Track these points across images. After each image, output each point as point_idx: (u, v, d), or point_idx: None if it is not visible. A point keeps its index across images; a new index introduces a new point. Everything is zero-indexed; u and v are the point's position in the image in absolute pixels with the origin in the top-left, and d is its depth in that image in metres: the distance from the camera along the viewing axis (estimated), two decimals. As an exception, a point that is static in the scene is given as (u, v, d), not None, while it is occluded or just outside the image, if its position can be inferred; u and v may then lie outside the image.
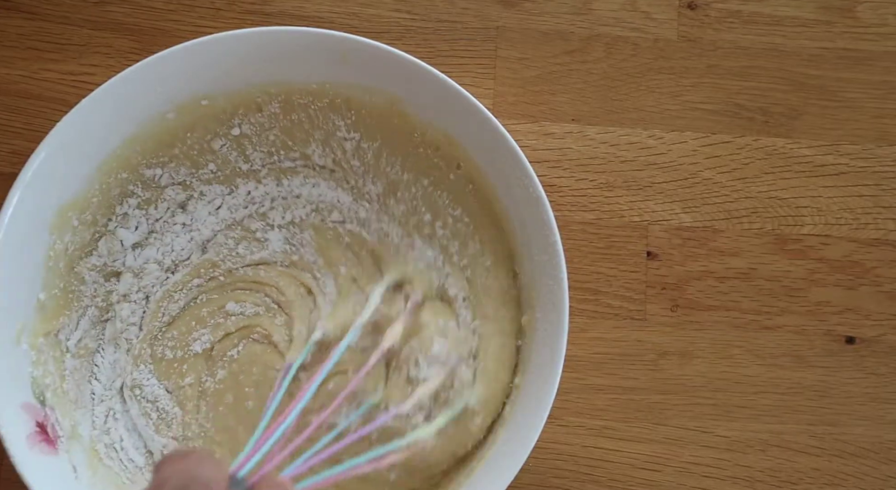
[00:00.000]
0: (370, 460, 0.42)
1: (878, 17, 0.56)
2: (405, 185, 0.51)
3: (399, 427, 0.46)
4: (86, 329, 0.50)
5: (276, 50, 0.47)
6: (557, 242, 0.46)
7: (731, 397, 0.53)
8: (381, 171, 0.51)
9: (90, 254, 0.50)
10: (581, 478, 0.52)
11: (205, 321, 0.52)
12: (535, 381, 0.47)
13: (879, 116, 0.55)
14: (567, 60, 0.55)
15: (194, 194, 0.52)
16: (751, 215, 0.54)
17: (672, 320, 0.53)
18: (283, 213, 0.52)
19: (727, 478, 0.52)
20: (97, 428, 0.49)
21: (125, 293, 0.51)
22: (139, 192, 0.51)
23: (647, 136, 0.55)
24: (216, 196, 0.52)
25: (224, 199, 0.53)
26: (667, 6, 0.56)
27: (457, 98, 0.47)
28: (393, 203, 0.51)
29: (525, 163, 0.46)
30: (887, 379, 0.53)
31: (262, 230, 0.53)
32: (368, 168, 0.51)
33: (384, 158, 0.51)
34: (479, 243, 0.50)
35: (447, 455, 0.48)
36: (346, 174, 0.52)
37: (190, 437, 0.50)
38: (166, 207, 0.52)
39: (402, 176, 0.51)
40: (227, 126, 0.51)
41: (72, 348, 0.49)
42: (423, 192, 0.51)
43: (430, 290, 0.50)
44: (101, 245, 0.50)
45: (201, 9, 0.55)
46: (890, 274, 0.54)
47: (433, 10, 0.55)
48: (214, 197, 0.52)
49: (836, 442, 0.53)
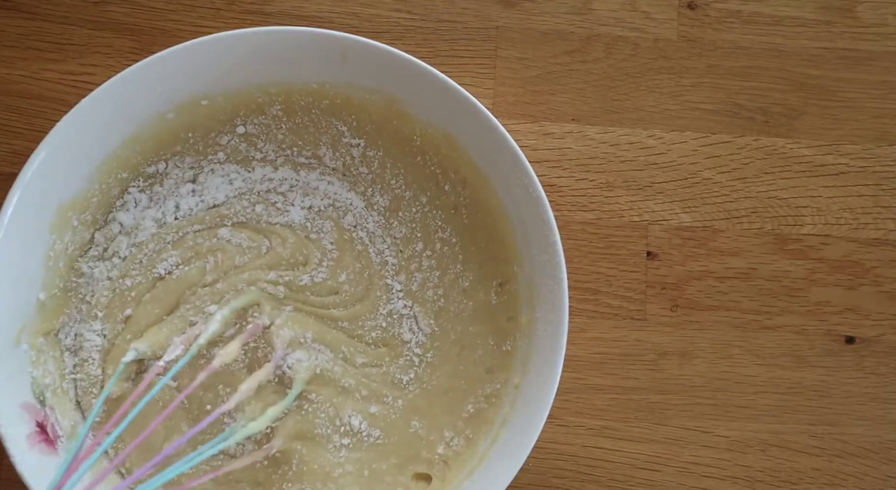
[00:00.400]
0: (208, 461, 0.45)
1: (878, 17, 0.56)
2: (407, 204, 0.51)
3: (230, 425, 0.48)
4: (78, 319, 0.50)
5: (276, 50, 0.47)
6: (557, 242, 0.46)
7: (731, 397, 0.53)
8: (388, 184, 0.51)
9: (89, 249, 0.50)
10: (581, 478, 0.52)
11: (182, 244, 0.50)
12: (535, 381, 0.47)
13: (879, 116, 0.55)
14: (567, 60, 0.55)
15: (205, 170, 0.51)
16: (751, 215, 0.54)
17: (672, 320, 0.53)
18: (302, 198, 0.51)
19: (727, 478, 0.52)
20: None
21: (115, 250, 0.50)
22: (141, 184, 0.51)
23: (646, 136, 0.55)
24: (230, 172, 0.51)
25: (240, 174, 0.51)
26: (667, 6, 0.56)
27: (457, 98, 0.47)
28: (396, 224, 0.51)
29: (525, 163, 0.46)
30: (887, 379, 0.53)
31: (283, 203, 0.51)
32: (376, 177, 0.51)
33: (389, 169, 0.51)
34: (460, 264, 0.51)
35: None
36: (356, 180, 0.52)
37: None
38: (173, 182, 0.51)
39: (406, 192, 0.51)
40: (230, 125, 0.51)
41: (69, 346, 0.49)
42: (421, 213, 0.51)
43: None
44: (98, 236, 0.50)
45: (201, 9, 0.55)
46: (890, 274, 0.54)
47: (433, 10, 0.55)
48: (229, 173, 0.51)
49: (836, 442, 0.53)
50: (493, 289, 0.50)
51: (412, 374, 0.50)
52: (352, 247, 0.51)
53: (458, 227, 0.51)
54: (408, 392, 0.50)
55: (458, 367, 0.50)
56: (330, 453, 0.49)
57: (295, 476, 0.49)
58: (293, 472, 0.49)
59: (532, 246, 0.48)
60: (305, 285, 0.50)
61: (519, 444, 0.45)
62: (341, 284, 0.51)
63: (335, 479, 0.49)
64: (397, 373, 0.50)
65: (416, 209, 0.51)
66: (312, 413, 0.49)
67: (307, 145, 0.52)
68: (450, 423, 0.50)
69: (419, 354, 0.50)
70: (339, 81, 0.49)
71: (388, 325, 0.51)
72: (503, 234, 0.50)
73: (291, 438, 0.49)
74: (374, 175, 0.51)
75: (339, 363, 0.50)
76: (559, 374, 0.45)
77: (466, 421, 0.50)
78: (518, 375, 0.49)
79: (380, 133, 0.51)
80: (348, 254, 0.51)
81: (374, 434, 0.49)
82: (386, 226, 0.51)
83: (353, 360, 0.50)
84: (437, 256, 0.51)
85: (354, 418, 0.49)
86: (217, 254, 0.50)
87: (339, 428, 0.49)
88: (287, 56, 0.48)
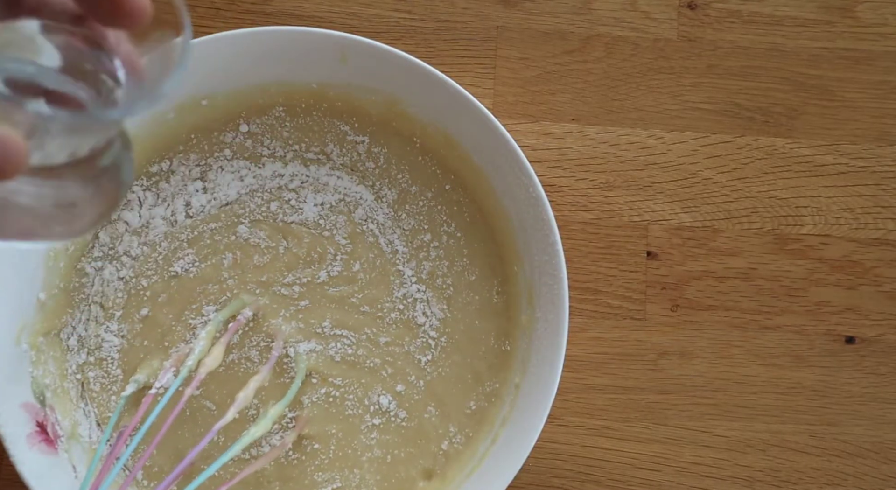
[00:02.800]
0: (225, 467, 0.45)
1: (878, 17, 0.56)
2: (413, 198, 0.51)
3: (233, 435, 0.48)
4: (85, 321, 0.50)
5: (276, 50, 0.47)
6: (557, 242, 0.46)
7: (731, 397, 0.53)
8: (394, 179, 0.52)
9: (92, 249, 0.50)
10: (581, 478, 0.52)
11: (198, 241, 0.50)
12: (535, 380, 0.47)
13: (879, 116, 0.55)
14: (567, 60, 0.55)
15: (213, 167, 0.51)
16: (751, 215, 0.54)
17: (672, 320, 0.53)
18: (314, 195, 0.51)
19: (727, 477, 0.52)
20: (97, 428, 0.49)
21: (125, 250, 0.50)
22: (145, 183, 0.51)
23: (646, 135, 0.55)
24: (240, 168, 0.51)
25: (250, 170, 0.51)
26: (667, 6, 0.56)
27: (457, 98, 0.47)
28: (404, 216, 0.51)
29: (525, 163, 0.46)
30: (887, 379, 0.53)
31: (296, 201, 0.51)
32: (382, 172, 0.52)
33: (394, 165, 0.51)
34: (466, 258, 0.51)
35: None
36: (365, 174, 0.52)
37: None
38: (180, 179, 0.51)
39: (412, 187, 0.51)
40: (233, 123, 0.51)
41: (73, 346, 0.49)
42: (427, 207, 0.51)
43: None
44: (103, 235, 0.50)
45: (201, 9, 0.55)
46: (890, 274, 0.54)
47: (433, 10, 0.55)
48: (238, 169, 0.51)
49: (836, 442, 0.53)
50: (494, 288, 0.51)
51: (430, 355, 0.50)
52: (363, 239, 0.51)
53: (461, 223, 0.51)
54: (426, 374, 0.50)
55: (466, 359, 0.50)
56: (363, 435, 0.49)
57: (329, 464, 0.49)
58: (329, 459, 0.49)
59: (532, 246, 0.48)
60: (323, 281, 0.51)
61: (519, 443, 0.45)
62: (356, 273, 0.51)
63: (362, 465, 0.49)
64: (416, 353, 0.50)
65: (422, 203, 0.51)
66: (341, 397, 0.50)
67: (314, 142, 0.52)
68: (455, 417, 0.50)
69: (434, 337, 0.51)
70: (339, 81, 0.49)
71: (405, 307, 0.51)
72: (503, 233, 0.50)
73: (321, 424, 0.49)
74: (380, 170, 0.52)
75: (363, 345, 0.50)
76: (559, 373, 0.45)
77: (469, 417, 0.50)
78: (518, 375, 0.49)
79: (382, 131, 0.51)
80: (361, 245, 0.51)
81: (401, 415, 0.50)
82: (395, 218, 0.52)
83: (376, 339, 0.50)
84: (444, 248, 0.51)
85: (384, 398, 0.50)
86: (236, 252, 0.50)
87: (368, 407, 0.50)
88: (287, 56, 0.48)
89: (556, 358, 0.45)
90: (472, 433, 0.49)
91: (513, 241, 0.49)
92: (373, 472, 0.49)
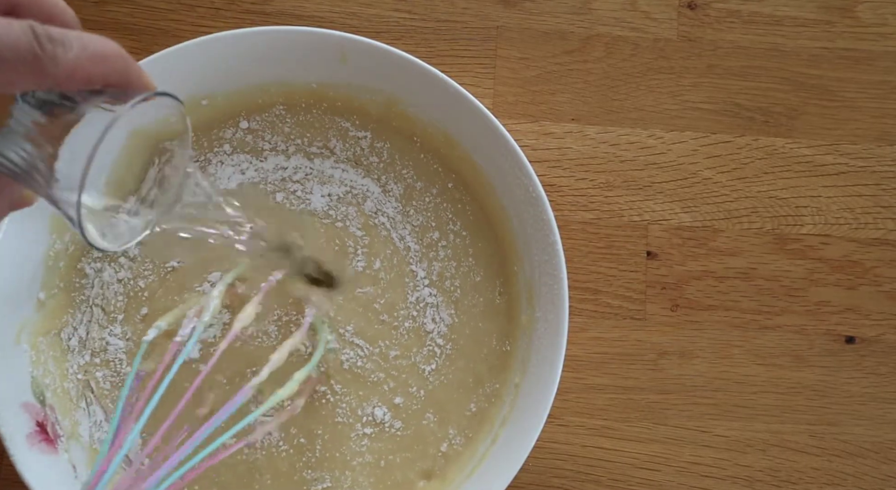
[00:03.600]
0: (238, 434, 0.42)
1: (878, 17, 0.56)
2: (419, 193, 0.51)
3: (259, 397, 0.47)
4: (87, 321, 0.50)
5: (276, 50, 0.47)
6: (557, 242, 0.46)
7: (731, 397, 0.53)
8: (399, 174, 0.51)
9: (91, 250, 0.50)
10: (581, 478, 0.52)
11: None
12: (535, 380, 0.47)
13: (879, 116, 0.55)
14: (567, 60, 0.55)
15: (212, 162, 0.51)
16: (750, 215, 0.54)
17: (672, 320, 0.53)
18: (320, 186, 0.51)
19: (727, 477, 0.52)
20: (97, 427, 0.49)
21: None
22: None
23: (646, 135, 0.55)
24: (241, 162, 0.51)
25: (252, 163, 0.51)
26: (667, 6, 0.56)
27: (457, 98, 0.47)
28: (412, 212, 0.51)
29: (525, 163, 0.46)
30: (887, 379, 0.53)
31: (302, 192, 0.51)
32: (387, 166, 0.51)
33: (398, 160, 0.51)
34: (472, 258, 0.51)
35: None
36: (370, 168, 0.52)
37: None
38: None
39: (417, 183, 0.51)
40: (233, 121, 0.51)
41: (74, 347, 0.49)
42: (433, 203, 0.51)
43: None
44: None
45: (201, 9, 0.55)
46: (890, 274, 0.54)
47: (433, 10, 0.55)
48: (239, 162, 0.51)
49: (836, 442, 0.53)
50: (497, 289, 0.51)
51: (434, 364, 0.50)
52: (377, 232, 0.51)
53: (466, 222, 0.51)
54: (429, 383, 0.50)
55: (469, 364, 0.50)
56: (352, 442, 0.49)
57: (317, 463, 0.49)
58: (316, 458, 0.49)
59: (532, 246, 0.48)
60: (351, 277, 0.50)
61: (519, 443, 0.45)
62: (377, 272, 0.50)
63: (353, 468, 0.49)
64: (421, 363, 0.50)
65: (428, 199, 0.51)
66: (334, 403, 0.49)
67: (316, 137, 0.51)
68: (455, 420, 0.50)
69: (441, 345, 0.50)
70: (339, 81, 0.49)
71: (418, 313, 0.50)
72: (503, 233, 0.50)
73: (306, 421, 0.49)
74: (385, 164, 0.51)
75: (373, 359, 0.50)
76: (559, 373, 0.45)
77: (469, 419, 0.50)
78: (518, 375, 0.49)
79: (383, 129, 0.51)
80: (377, 239, 0.51)
81: (396, 425, 0.49)
82: (404, 212, 0.51)
83: (387, 353, 0.50)
84: (451, 247, 0.51)
85: (378, 409, 0.49)
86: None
87: (361, 417, 0.49)
88: (287, 56, 0.48)
89: (556, 358, 0.45)
90: (472, 434, 0.49)
91: (513, 240, 0.49)
92: (365, 474, 0.49)
